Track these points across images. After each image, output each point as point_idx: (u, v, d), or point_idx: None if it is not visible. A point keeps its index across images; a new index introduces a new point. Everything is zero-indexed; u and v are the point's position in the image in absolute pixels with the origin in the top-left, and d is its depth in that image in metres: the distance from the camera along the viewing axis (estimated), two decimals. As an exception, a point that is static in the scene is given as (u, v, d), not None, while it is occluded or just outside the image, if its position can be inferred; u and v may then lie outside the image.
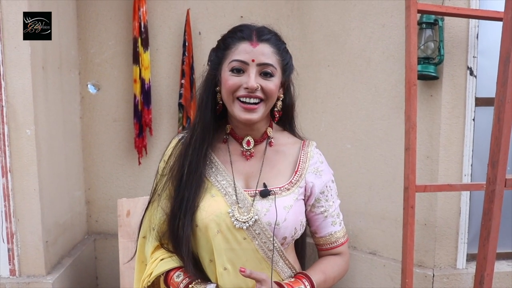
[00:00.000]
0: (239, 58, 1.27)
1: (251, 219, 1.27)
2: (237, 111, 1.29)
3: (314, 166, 1.40)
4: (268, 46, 1.29)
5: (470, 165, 2.48)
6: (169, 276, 1.33)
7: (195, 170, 1.32)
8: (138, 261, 1.44)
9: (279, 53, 1.31)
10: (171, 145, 1.44)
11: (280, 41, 1.34)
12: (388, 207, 2.69)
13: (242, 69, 1.27)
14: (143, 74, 2.94)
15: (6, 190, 2.37)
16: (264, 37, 1.29)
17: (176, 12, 3.03)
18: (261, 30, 1.31)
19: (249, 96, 1.27)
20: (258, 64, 1.27)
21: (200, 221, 1.28)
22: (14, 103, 2.34)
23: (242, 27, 1.32)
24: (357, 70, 2.78)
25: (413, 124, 2.16)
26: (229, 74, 1.28)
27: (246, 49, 1.27)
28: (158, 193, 1.39)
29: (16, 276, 2.43)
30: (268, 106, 1.32)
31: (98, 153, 3.15)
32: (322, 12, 2.92)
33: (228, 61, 1.29)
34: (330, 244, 1.45)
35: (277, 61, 1.30)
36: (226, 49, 1.31)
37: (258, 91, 1.27)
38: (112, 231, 3.16)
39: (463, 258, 2.53)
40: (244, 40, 1.28)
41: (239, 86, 1.27)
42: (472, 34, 2.39)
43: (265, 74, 1.28)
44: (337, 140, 2.91)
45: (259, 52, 1.27)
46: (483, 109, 2.48)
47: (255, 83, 1.25)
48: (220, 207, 1.29)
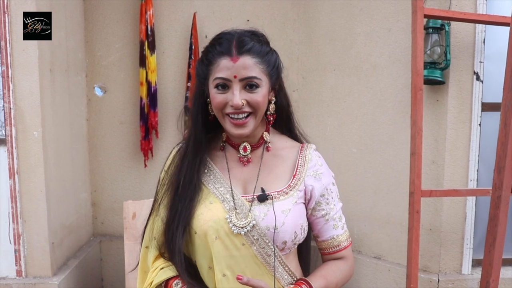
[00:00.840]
0: (221, 76, 1.24)
1: (248, 224, 1.26)
2: (228, 127, 1.29)
3: (313, 169, 1.38)
4: (249, 57, 1.24)
5: (476, 170, 2.47)
6: (169, 285, 1.33)
7: (190, 182, 1.32)
8: (141, 271, 1.44)
9: (263, 61, 1.27)
10: (171, 155, 1.44)
11: (263, 45, 1.30)
12: (393, 211, 2.69)
13: (226, 84, 1.25)
14: (150, 77, 2.95)
15: (13, 192, 2.39)
16: (245, 48, 1.25)
17: (182, 15, 3.05)
18: (241, 40, 1.26)
19: (236, 112, 1.25)
20: (241, 79, 1.24)
21: (198, 227, 1.28)
22: (22, 105, 2.36)
23: (221, 39, 1.28)
24: (363, 74, 2.78)
25: (419, 129, 2.16)
26: (215, 91, 1.27)
27: (227, 65, 1.24)
28: (158, 203, 1.39)
29: (23, 277, 2.45)
30: (259, 116, 1.30)
31: (104, 155, 3.16)
32: (328, 17, 2.92)
33: (212, 77, 1.27)
34: (333, 248, 1.43)
35: (261, 71, 1.26)
36: (209, 64, 1.28)
37: (245, 106, 1.25)
38: (118, 233, 3.17)
39: (468, 263, 2.52)
40: (223, 55, 1.24)
41: (225, 103, 1.26)
42: (479, 39, 2.38)
43: (250, 86, 1.25)
44: (342, 144, 2.91)
45: (241, 67, 1.23)
46: (490, 114, 2.47)
47: (239, 100, 1.23)
48: (218, 213, 1.29)
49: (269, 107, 1.35)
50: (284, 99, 1.41)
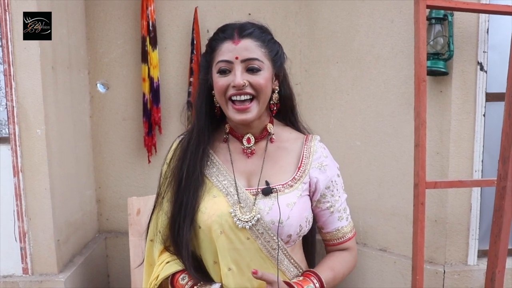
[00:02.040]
0: (223, 58, 1.26)
1: (253, 218, 1.26)
2: (231, 113, 1.29)
3: (318, 161, 1.38)
4: (251, 40, 1.27)
5: (480, 161, 2.46)
6: (175, 279, 1.33)
7: (193, 173, 1.32)
8: (146, 264, 1.45)
9: (265, 45, 1.29)
10: (172, 147, 1.44)
11: (264, 32, 1.32)
12: (398, 203, 2.68)
13: (228, 69, 1.26)
14: (152, 73, 2.95)
15: (18, 190, 2.40)
16: (246, 32, 1.27)
17: (184, 10, 3.04)
18: (243, 26, 1.29)
19: (238, 93, 1.26)
20: (242, 61, 1.25)
21: (203, 222, 1.28)
22: (25, 104, 2.36)
23: (225, 27, 1.31)
24: (366, 66, 2.77)
25: (423, 121, 2.15)
26: (217, 76, 1.28)
27: (228, 48, 1.26)
28: (162, 196, 1.39)
29: (29, 275, 2.46)
30: (262, 101, 1.30)
31: (108, 152, 3.17)
32: (330, 9, 2.90)
33: (215, 63, 1.29)
34: (338, 240, 1.44)
35: (264, 54, 1.28)
36: (212, 52, 1.30)
37: (247, 87, 1.26)
38: (123, 229, 3.18)
39: (474, 254, 2.52)
40: (226, 39, 1.27)
41: (227, 86, 1.26)
42: (482, 28, 2.36)
43: (251, 69, 1.26)
44: (346, 137, 2.90)
45: (242, 48, 1.26)
46: (494, 104, 2.45)
47: (241, 80, 1.24)
48: (222, 207, 1.28)
49: (273, 97, 1.35)
50: (288, 89, 1.41)
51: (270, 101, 1.35)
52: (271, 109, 1.38)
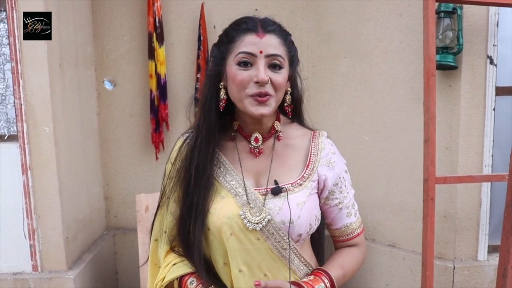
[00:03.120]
0: (246, 50, 1.22)
1: (263, 220, 1.24)
2: (249, 107, 1.23)
3: (326, 158, 1.36)
4: (275, 36, 1.24)
5: (490, 155, 2.43)
6: (183, 282, 1.31)
7: (203, 173, 1.28)
8: (151, 263, 1.42)
9: (286, 44, 1.27)
10: (176, 146, 1.40)
11: (285, 32, 1.30)
12: (407, 199, 2.67)
13: (249, 61, 1.22)
14: (159, 69, 2.94)
15: (26, 187, 2.40)
16: (270, 27, 1.24)
17: (190, 6, 3.03)
18: (265, 21, 1.26)
19: (260, 93, 1.21)
20: (266, 56, 1.22)
21: (212, 224, 1.26)
22: (32, 101, 2.36)
23: (246, 19, 1.27)
24: (374, 61, 2.75)
25: (432, 115, 2.13)
26: (236, 68, 1.23)
27: (252, 40, 1.22)
28: (167, 196, 1.36)
29: (39, 272, 2.47)
30: (278, 100, 1.27)
31: (115, 149, 3.17)
32: (338, 3, 2.88)
33: (233, 54, 1.24)
34: (346, 236, 1.42)
35: (285, 52, 1.26)
36: (230, 42, 1.25)
37: (268, 85, 1.22)
38: (131, 226, 3.18)
39: (484, 250, 2.50)
40: (249, 31, 1.23)
41: (248, 81, 1.22)
42: (492, 22, 2.34)
43: (273, 66, 1.23)
44: (354, 132, 2.88)
45: (267, 43, 1.22)
46: (504, 98, 2.43)
47: (265, 75, 1.20)
48: (231, 209, 1.26)
49: (286, 98, 1.32)
50: (299, 93, 1.39)
51: (284, 103, 1.32)
52: (286, 111, 1.35)
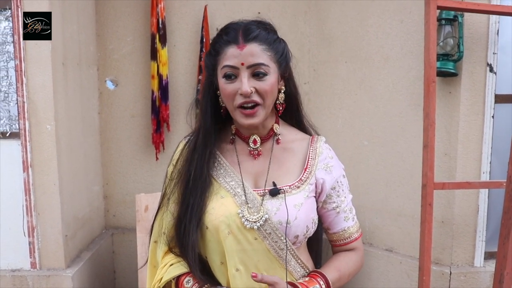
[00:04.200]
0: (229, 64, 1.24)
1: (261, 219, 1.25)
2: (239, 118, 1.28)
3: (323, 162, 1.38)
4: (256, 44, 1.24)
5: (488, 162, 2.45)
6: (180, 282, 1.32)
7: (200, 175, 1.31)
8: (150, 265, 1.44)
9: (270, 48, 1.27)
10: (178, 148, 1.43)
11: (269, 33, 1.29)
12: (405, 204, 2.68)
13: (233, 74, 1.24)
14: (161, 70, 2.96)
15: (27, 185, 2.42)
16: (251, 35, 1.24)
17: (193, 8, 3.04)
18: (247, 29, 1.26)
19: (246, 102, 1.24)
20: (248, 67, 1.23)
21: (210, 223, 1.27)
22: (35, 99, 2.38)
23: (228, 28, 1.28)
24: (374, 66, 2.77)
25: (432, 121, 2.15)
26: (223, 81, 1.26)
27: (233, 53, 1.23)
28: (167, 197, 1.38)
29: (37, 269, 2.48)
30: (268, 106, 1.29)
31: (116, 148, 3.18)
32: (340, 8, 2.90)
33: (220, 67, 1.27)
34: (344, 240, 1.43)
35: (269, 57, 1.26)
36: (217, 55, 1.28)
37: (253, 94, 1.24)
38: (130, 225, 3.19)
39: (480, 256, 2.51)
40: (230, 44, 1.25)
41: (235, 93, 1.25)
42: (492, 30, 2.36)
43: (257, 74, 1.24)
44: (354, 136, 2.90)
45: (248, 54, 1.23)
46: (503, 106, 2.45)
47: (248, 88, 1.22)
48: (230, 208, 1.28)
49: (279, 96, 1.34)
50: (294, 88, 1.40)
51: (276, 101, 1.34)
52: (277, 109, 1.37)
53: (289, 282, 1.26)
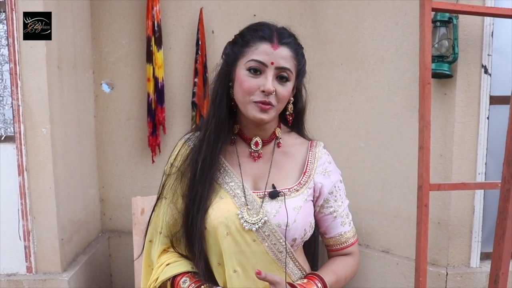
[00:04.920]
0: (259, 59, 1.24)
1: (260, 221, 1.26)
2: (251, 111, 1.27)
3: (322, 166, 1.39)
4: (288, 50, 1.27)
5: (484, 163, 2.46)
6: (176, 282, 1.32)
7: (210, 166, 1.30)
8: (144, 265, 1.44)
9: (297, 57, 1.30)
10: (176, 147, 1.43)
11: (299, 45, 1.33)
12: (401, 205, 2.69)
13: (259, 69, 1.25)
14: (157, 73, 2.96)
15: (22, 189, 2.40)
16: (285, 40, 1.27)
17: (189, 11, 3.04)
18: (282, 32, 1.28)
19: (264, 102, 1.25)
20: (276, 68, 1.25)
21: (209, 223, 1.28)
22: (30, 102, 2.37)
23: (263, 26, 1.29)
24: (370, 68, 2.78)
25: (427, 123, 2.15)
26: (246, 73, 1.26)
27: (266, 50, 1.24)
28: (164, 196, 1.38)
29: (33, 273, 2.46)
30: (278, 109, 1.30)
31: (112, 151, 3.18)
32: (335, 11, 2.91)
33: (245, 59, 1.26)
34: (340, 245, 1.44)
35: (294, 66, 1.29)
36: (245, 46, 1.28)
37: (272, 96, 1.25)
38: (126, 229, 3.19)
39: (476, 256, 2.52)
40: (265, 40, 1.25)
41: (255, 89, 1.25)
42: (487, 32, 2.37)
43: (281, 78, 1.26)
44: (350, 138, 2.90)
45: (279, 55, 1.25)
46: (498, 107, 2.46)
47: (272, 86, 1.23)
48: (229, 209, 1.28)
49: (288, 107, 1.36)
50: (302, 104, 1.43)
51: (285, 111, 1.36)
52: (287, 119, 1.39)
53: (289, 283, 1.26)
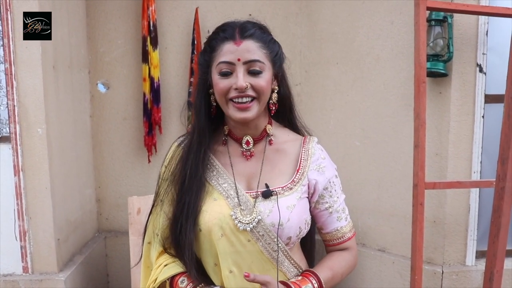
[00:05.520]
0: (225, 60, 1.25)
1: (254, 220, 1.26)
2: (232, 112, 1.28)
3: (316, 163, 1.39)
4: (253, 41, 1.26)
5: (479, 162, 2.47)
6: (174, 282, 1.33)
7: (195, 174, 1.31)
8: (144, 266, 1.45)
9: (266, 46, 1.29)
10: (171, 150, 1.44)
11: (265, 33, 1.32)
12: (397, 204, 2.69)
13: (229, 71, 1.26)
14: (152, 73, 2.96)
15: (18, 189, 2.40)
16: (247, 33, 1.26)
17: (184, 10, 3.04)
18: (244, 26, 1.28)
19: (240, 96, 1.25)
20: (244, 62, 1.25)
21: (204, 225, 1.28)
22: (26, 102, 2.36)
23: (225, 26, 1.30)
24: (365, 67, 2.78)
25: (423, 122, 2.16)
26: (218, 77, 1.27)
27: (230, 49, 1.25)
28: (160, 198, 1.38)
29: (29, 273, 2.46)
30: (262, 102, 1.30)
31: (108, 151, 3.17)
32: (331, 10, 2.91)
33: (215, 63, 1.28)
34: (337, 240, 1.44)
35: (265, 55, 1.28)
36: (212, 51, 1.29)
37: (249, 89, 1.25)
38: (122, 229, 3.18)
39: (472, 255, 2.53)
40: (227, 40, 1.26)
41: (229, 88, 1.25)
42: (481, 30, 2.38)
43: (253, 71, 1.26)
44: (345, 137, 2.91)
45: (244, 50, 1.25)
46: (493, 106, 2.47)
47: (243, 82, 1.23)
48: (223, 210, 1.29)
49: (272, 96, 1.35)
50: (287, 89, 1.41)
51: (269, 100, 1.35)
52: (270, 109, 1.37)
53: (281, 281, 1.26)
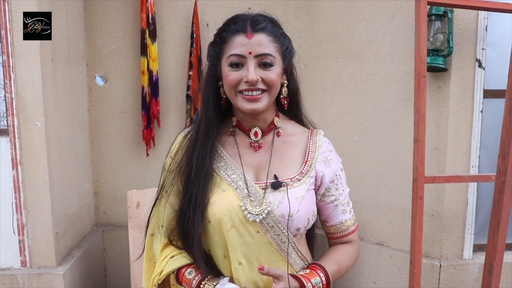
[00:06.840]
0: (236, 52, 1.25)
1: (263, 211, 1.26)
2: (241, 103, 1.28)
3: (323, 155, 1.39)
4: (264, 35, 1.26)
5: (477, 156, 2.48)
6: (181, 273, 1.32)
7: (202, 165, 1.30)
8: (146, 258, 1.44)
9: (277, 40, 1.28)
10: (177, 140, 1.42)
11: (276, 27, 1.31)
12: (396, 198, 2.70)
13: (240, 62, 1.25)
14: (151, 66, 2.95)
15: (16, 182, 2.40)
16: (259, 26, 1.26)
17: (183, 3, 3.03)
18: (255, 19, 1.27)
19: (250, 89, 1.25)
20: (255, 56, 1.24)
21: (213, 216, 1.28)
22: (24, 95, 2.35)
23: (236, 18, 1.29)
24: (365, 62, 2.78)
25: (422, 116, 2.16)
26: (228, 69, 1.26)
27: (241, 41, 1.25)
28: (165, 189, 1.37)
29: (27, 267, 2.46)
30: (272, 95, 1.30)
31: (106, 145, 3.16)
32: (331, 4, 2.91)
33: (226, 56, 1.27)
34: (341, 233, 1.45)
35: (276, 49, 1.27)
36: (223, 43, 1.29)
37: (259, 82, 1.25)
38: (120, 222, 3.18)
39: (469, 248, 2.55)
40: (238, 32, 1.26)
41: (239, 80, 1.25)
42: (481, 26, 2.38)
43: (264, 64, 1.25)
44: (344, 131, 2.91)
45: (256, 43, 1.24)
46: (491, 101, 2.48)
47: (254, 76, 1.23)
48: (232, 201, 1.28)
49: (282, 91, 1.35)
50: (295, 84, 1.41)
51: (279, 95, 1.35)
52: (282, 103, 1.38)
53: (291, 274, 1.26)
